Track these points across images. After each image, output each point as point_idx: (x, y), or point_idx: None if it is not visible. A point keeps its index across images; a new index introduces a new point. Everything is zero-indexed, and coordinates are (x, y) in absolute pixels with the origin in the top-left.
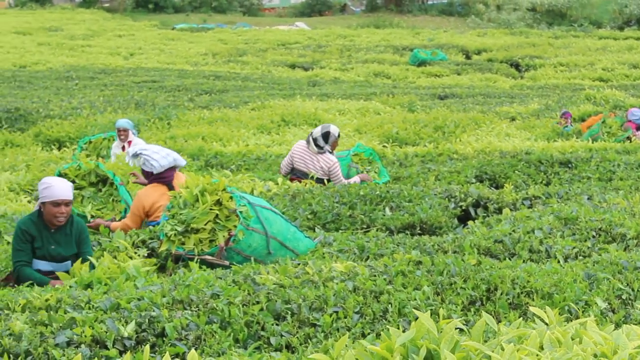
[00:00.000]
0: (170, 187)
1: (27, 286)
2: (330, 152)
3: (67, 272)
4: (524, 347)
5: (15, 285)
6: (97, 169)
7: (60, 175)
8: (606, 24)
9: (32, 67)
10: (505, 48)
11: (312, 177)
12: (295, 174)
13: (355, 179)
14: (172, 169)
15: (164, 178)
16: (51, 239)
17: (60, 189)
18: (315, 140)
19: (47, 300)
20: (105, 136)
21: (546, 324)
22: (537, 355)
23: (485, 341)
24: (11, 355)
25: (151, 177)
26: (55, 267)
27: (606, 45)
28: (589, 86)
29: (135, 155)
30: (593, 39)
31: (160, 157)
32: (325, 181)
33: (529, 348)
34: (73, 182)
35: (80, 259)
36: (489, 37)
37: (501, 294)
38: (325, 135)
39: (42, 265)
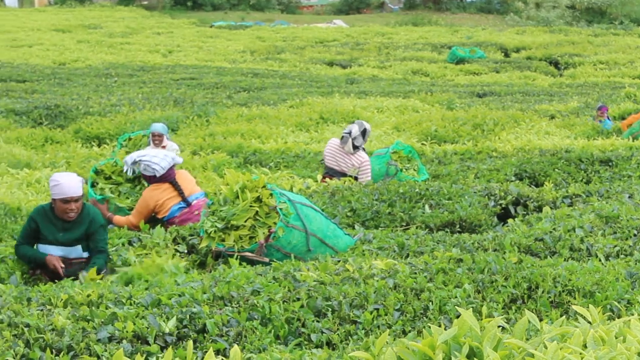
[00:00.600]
0: (174, 183)
1: (71, 280)
2: (364, 149)
3: (78, 256)
4: (567, 346)
5: (37, 273)
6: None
7: (96, 171)
8: None
9: (72, 65)
10: (544, 46)
11: (343, 177)
12: (327, 172)
13: None
14: (172, 168)
15: (166, 177)
16: (60, 226)
17: (69, 186)
18: (354, 140)
19: (88, 295)
20: (145, 133)
21: (589, 322)
22: (581, 353)
23: (528, 339)
24: (53, 350)
25: (153, 180)
26: (65, 252)
27: None
28: (629, 84)
29: (135, 163)
30: (633, 37)
31: (159, 159)
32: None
33: (572, 346)
34: (109, 177)
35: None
36: (528, 35)
37: (542, 292)
38: (363, 133)
39: (53, 250)
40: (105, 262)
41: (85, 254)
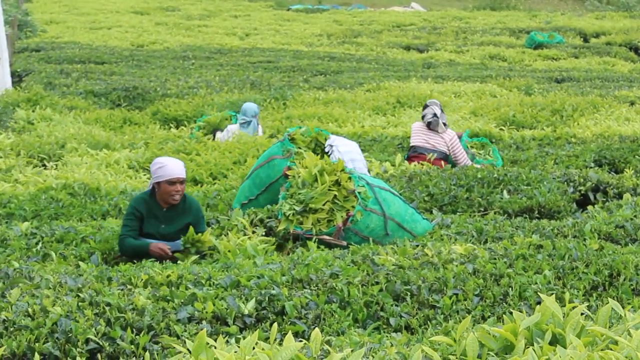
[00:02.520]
0: None
1: (151, 261)
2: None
3: (178, 250)
4: None
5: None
6: (319, 135)
7: (290, 138)
8: None
9: (149, 47)
10: (624, 31)
11: (431, 156)
12: (415, 151)
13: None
14: None
15: None
16: (162, 217)
17: (174, 167)
18: (440, 118)
19: (168, 276)
20: (230, 113)
21: None
22: None
23: (610, 327)
24: (134, 329)
25: None
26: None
27: None
28: None
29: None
30: None
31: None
32: (445, 158)
33: None
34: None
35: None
36: (608, 20)
37: (624, 279)
38: (442, 109)
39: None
40: None
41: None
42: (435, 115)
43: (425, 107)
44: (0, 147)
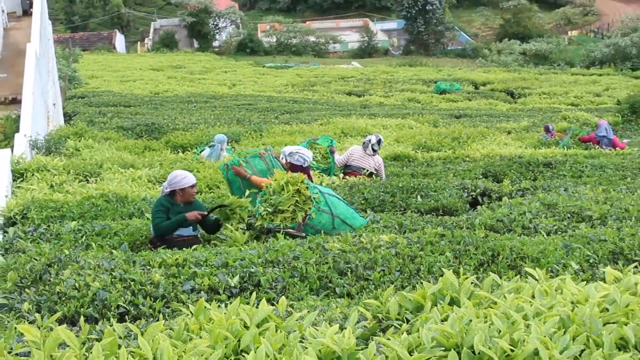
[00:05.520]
0: (310, 176)
1: (165, 248)
2: (378, 154)
3: (189, 234)
4: (521, 297)
5: (152, 249)
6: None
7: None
8: (577, 64)
9: (163, 94)
10: (503, 81)
11: (365, 172)
12: (351, 169)
13: (337, 158)
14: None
15: (306, 169)
16: (184, 210)
17: (192, 177)
18: (373, 145)
19: (176, 259)
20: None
21: (536, 280)
22: (530, 302)
23: (492, 292)
24: (152, 298)
25: (299, 169)
26: (182, 232)
27: (577, 80)
28: (565, 109)
29: (290, 154)
30: (567, 75)
31: (308, 153)
32: (373, 175)
33: (524, 297)
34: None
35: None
36: (492, 73)
37: (502, 258)
38: (379, 142)
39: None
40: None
41: (194, 232)
42: (369, 140)
43: (366, 135)
44: (56, 167)
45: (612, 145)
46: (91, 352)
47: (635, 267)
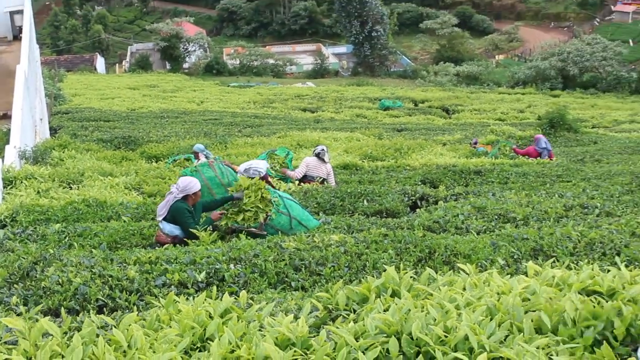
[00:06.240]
0: (269, 182)
1: (153, 246)
2: (329, 162)
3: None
4: (453, 289)
5: (158, 246)
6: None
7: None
8: (503, 84)
9: (139, 110)
10: (439, 99)
11: (319, 179)
12: (307, 178)
13: (290, 173)
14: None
15: (264, 178)
16: (191, 212)
17: (198, 182)
18: (323, 156)
19: (149, 257)
20: (185, 157)
21: (467, 274)
22: (462, 293)
23: (429, 285)
24: (127, 292)
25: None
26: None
27: (503, 98)
28: (493, 123)
29: (246, 171)
30: (495, 94)
31: (261, 166)
32: (325, 181)
33: (456, 289)
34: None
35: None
36: (430, 92)
37: (438, 255)
38: (326, 151)
39: (172, 229)
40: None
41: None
42: (323, 150)
43: (317, 146)
44: (42, 175)
45: (548, 156)
46: (72, 341)
47: (553, 262)
